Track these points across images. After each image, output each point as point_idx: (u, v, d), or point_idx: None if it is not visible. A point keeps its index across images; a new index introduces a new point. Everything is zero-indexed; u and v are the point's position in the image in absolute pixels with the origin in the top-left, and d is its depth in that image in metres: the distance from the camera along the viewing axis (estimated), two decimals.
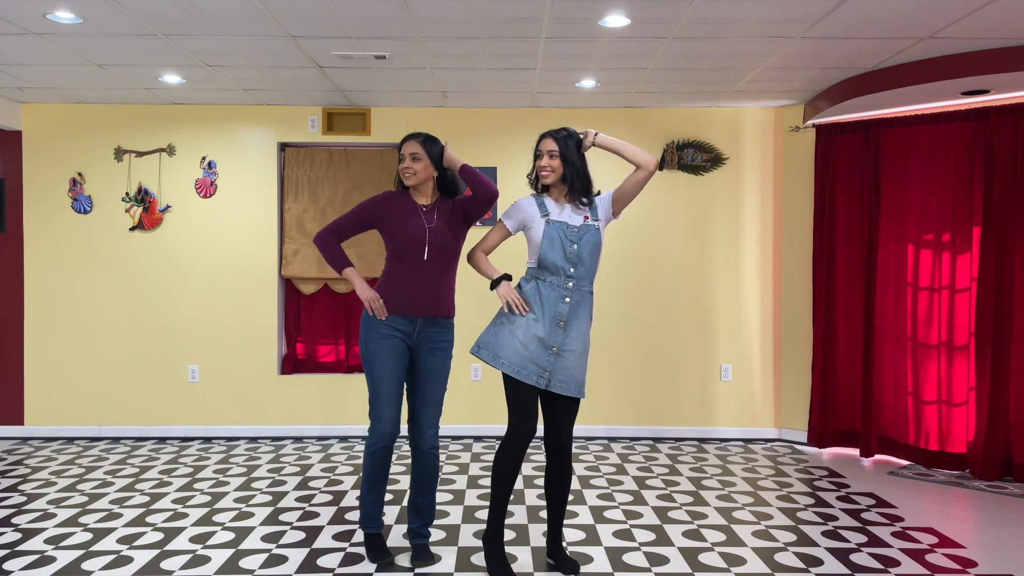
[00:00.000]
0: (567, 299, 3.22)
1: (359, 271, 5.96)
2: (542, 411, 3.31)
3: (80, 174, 5.98)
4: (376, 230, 3.47)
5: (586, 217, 3.29)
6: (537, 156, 3.31)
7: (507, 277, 3.30)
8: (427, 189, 3.45)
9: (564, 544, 3.60)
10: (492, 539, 3.28)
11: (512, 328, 3.22)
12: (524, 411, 3.19)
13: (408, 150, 3.40)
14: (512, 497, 4.40)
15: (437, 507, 4.24)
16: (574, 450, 5.55)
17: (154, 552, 3.60)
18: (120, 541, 3.74)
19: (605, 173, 6.06)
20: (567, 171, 3.26)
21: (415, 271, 3.35)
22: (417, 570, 3.38)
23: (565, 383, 3.22)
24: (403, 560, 3.49)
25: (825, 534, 3.87)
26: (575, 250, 3.23)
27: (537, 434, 4.75)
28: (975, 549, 3.68)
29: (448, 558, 3.52)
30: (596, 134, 3.30)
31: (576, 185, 3.28)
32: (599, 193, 3.38)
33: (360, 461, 5.28)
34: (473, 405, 6.02)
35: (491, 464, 5.06)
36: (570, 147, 3.28)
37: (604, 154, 5.91)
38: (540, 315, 3.21)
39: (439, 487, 4.64)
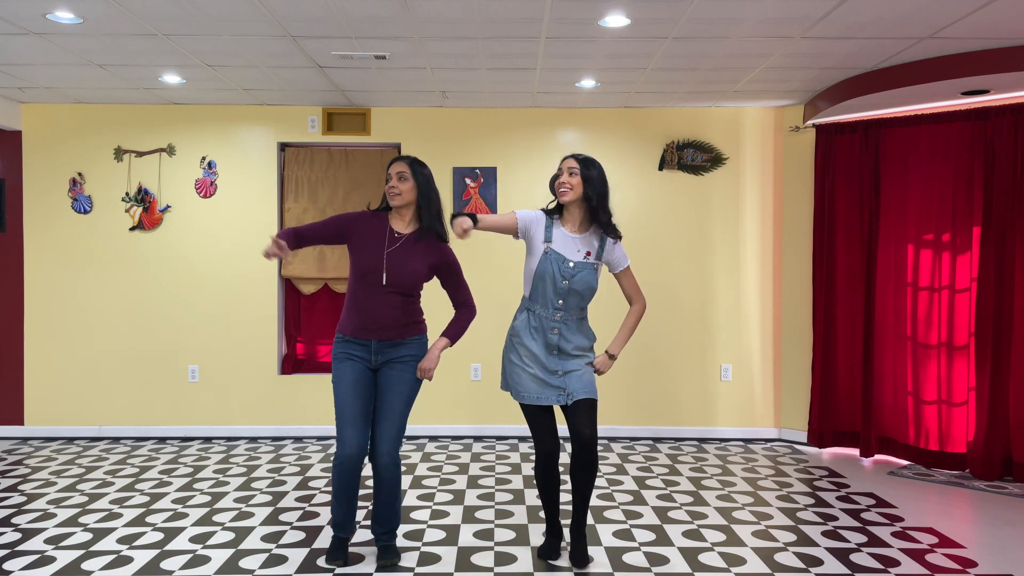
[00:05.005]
0: (555, 330, 3.32)
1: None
2: (564, 412, 3.36)
3: (80, 174, 5.98)
4: (345, 245, 3.45)
5: (588, 253, 3.32)
6: (558, 173, 3.34)
7: (473, 217, 3.21)
8: (407, 214, 3.40)
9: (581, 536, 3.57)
10: (549, 531, 3.55)
11: (519, 363, 3.35)
12: (542, 433, 3.36)
13: (395, 169, 3.37)
14: (511, 498, 4.43)
15: (437, 507, 4.25)
16: None
17: (154, 552, 3.60)
18: (120, 541, 3.74)
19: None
20: (588, 191, 3.29)
21: (373, 296, 3.33)
22: (418, 569, 3.38)
23: (582, 389, 3.31)
24: (406, 560, 3.49)
25: (825, 534, 3.87)
26: (565, 287, 3.29)
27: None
28: (975, 549, 3.68)
29: (448, 558, 3.52)
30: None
31: (600, 217, 3.31)
32: (620, 238, 3.40)
33: None
34: (473, 405, 6.02)
35: (491, 464, 5.21)
36: (592, 171, 3.31)
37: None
38: (534, 345, 3.32)
39: (439, 487, 4.64)
